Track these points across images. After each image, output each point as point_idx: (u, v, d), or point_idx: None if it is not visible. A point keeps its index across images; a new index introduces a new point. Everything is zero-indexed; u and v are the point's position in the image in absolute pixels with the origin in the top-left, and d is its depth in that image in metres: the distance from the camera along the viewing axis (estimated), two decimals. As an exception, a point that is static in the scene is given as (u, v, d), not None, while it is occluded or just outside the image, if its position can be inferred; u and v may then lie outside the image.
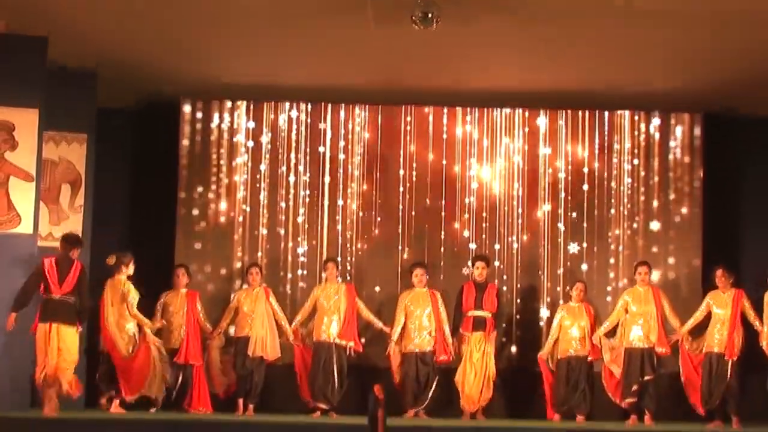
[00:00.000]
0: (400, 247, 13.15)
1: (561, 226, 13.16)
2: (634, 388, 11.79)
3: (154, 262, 12.28)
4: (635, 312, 11.99)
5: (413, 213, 13.21)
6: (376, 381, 11.83)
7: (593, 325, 12.25)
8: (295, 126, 13.33)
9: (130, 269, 11.56)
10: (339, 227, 13.18)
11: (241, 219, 13.19)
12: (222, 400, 12.17)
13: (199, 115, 13.30)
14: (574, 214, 13.18)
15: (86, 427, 10.06)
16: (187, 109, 13.29)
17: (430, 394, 12.06)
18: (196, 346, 12.00)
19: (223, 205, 13.22)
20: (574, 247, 13.11)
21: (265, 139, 13.30)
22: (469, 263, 12.75)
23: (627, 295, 12.16)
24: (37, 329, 10.58)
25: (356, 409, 11.63)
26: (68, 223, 12.16)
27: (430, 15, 9.83)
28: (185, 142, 13.25)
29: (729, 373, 11.52)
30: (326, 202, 13.24)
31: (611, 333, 12.21)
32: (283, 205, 13.22)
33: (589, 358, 12.16)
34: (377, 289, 13.06)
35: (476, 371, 11.97)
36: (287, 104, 13.33)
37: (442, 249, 13.15)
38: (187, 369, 11.94)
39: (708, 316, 11.84)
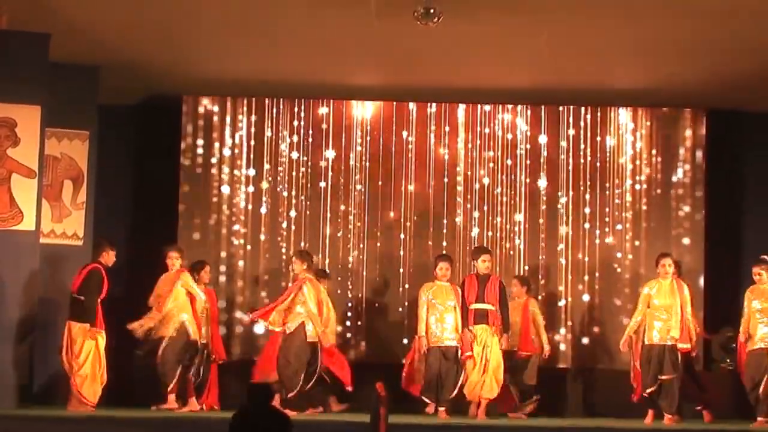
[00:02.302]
0: (402, 248, 13.17)
1: (562, 221, 13.17)
2: (650, 390, 11.21)
3: (155, 259, 12.24)
4: (657, 306, 11.27)
5: (415, 207, 13.24)
6: (379, 378, 11.92)
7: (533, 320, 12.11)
8: (296, 121, 13.33)
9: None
10: (341, 225, 13.21)
11: (243, 217, 13.19)
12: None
13: (201, 111, 13.30)
14: (577, 209, 13.18)
15: (88, 424, 10.06)
16: (188, 106, 13.29)
17: (455, 392, 11.52)
18: (220, 342, 12.02)
19: (224, 201, 13.22)
20: (577, 240, 13.15)
21: (267, 134, 13.30)
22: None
23: (649, 287, 11.45)
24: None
25: (359, 406, 11.63)
26: (70, 219, 12.18)
27: (432, 11, 9.81)
28: (187, 139, 13.25)
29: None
30: (329, 201, 13.23)
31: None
32: (284, 207, 13.22)
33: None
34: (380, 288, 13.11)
35: (476, 364, 11.48)
36: (289, 100, 13.33)
37: (444, 242, 13.15)
38: (208, 365, 11.82)
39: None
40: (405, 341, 12.70)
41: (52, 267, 11.84)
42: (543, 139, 13.28)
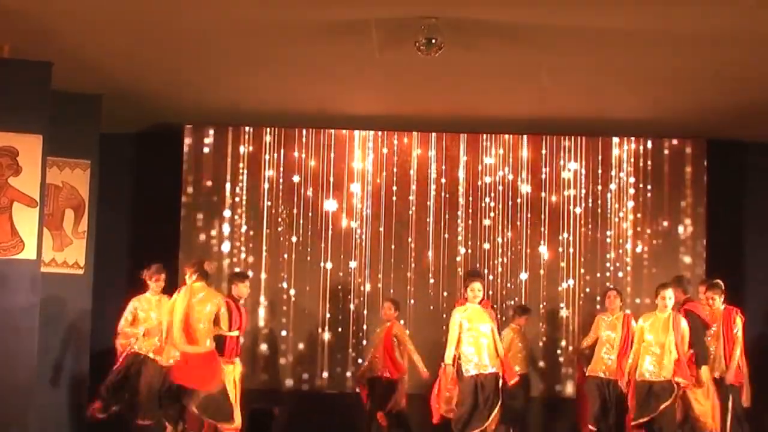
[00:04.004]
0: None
1: (561, 250, 13.18)
2: (643, 419, 10.64)
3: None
4: (650, 341, 10.70)
5: (416, 234, 13.33)
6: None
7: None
8: (297, 151, 13.34)
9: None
10: (345, 255, 13.23)
11: (243, 249, 13.22)
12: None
13: (202, 141, 13.33)
14: (576, 240, 13.20)
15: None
16: (189, 135, 13.32)
17: (492, 421, 10.70)
18: None
19: (225, 230, 13.23)
20: (575, 272, 13.14)
21: (268, 165, 13.31)
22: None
23: (644, 320, 10.88)
24: None
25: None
26: (71, 248, 12.16)
27: (434, 41, 9.81)
28: (188, 168, 13.28)
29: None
30: (330, 232, 13.25)
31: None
32: (283, 231, 13.27)
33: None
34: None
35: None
36: (290, 130, 13.36)
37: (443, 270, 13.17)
38: None
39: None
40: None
41: (54, 296, 11.81)
42: (544, 171, 13.35)
